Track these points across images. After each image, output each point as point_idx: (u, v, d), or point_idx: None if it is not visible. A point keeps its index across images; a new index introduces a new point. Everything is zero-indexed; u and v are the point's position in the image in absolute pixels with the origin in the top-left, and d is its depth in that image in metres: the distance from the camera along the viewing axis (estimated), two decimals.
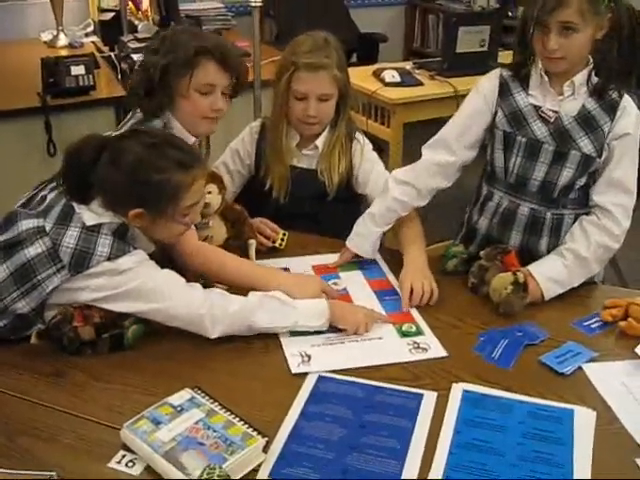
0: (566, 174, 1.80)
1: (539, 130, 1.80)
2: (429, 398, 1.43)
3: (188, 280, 1.59)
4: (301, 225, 2.08)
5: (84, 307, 1.54)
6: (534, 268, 1.77)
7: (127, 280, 1.51)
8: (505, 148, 1.86)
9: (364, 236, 1.95)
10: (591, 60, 1.78)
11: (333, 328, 1.63)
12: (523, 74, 1.84)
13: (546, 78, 1.79)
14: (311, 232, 2.09)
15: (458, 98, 3.35)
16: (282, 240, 2.01)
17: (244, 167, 2.20)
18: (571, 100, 1.78)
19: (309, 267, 1.92)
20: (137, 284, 1.52)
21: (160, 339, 1.58)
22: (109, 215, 1.53)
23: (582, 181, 1.81)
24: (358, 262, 1.95)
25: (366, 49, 5.12)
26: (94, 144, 1.52)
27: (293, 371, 1.50)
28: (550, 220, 1.85)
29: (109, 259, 1.50)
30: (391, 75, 3.50)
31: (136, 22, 4.35)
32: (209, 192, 1.84)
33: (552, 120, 1.78)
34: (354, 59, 5.05)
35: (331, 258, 1.96)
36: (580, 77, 1.77)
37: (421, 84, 3.51)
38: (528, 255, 1.85)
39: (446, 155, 1.91)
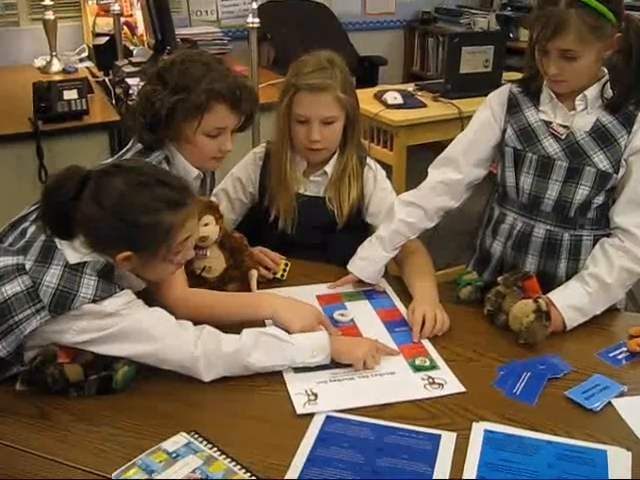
0: (581, 192, 1.70)
1: (551, 147, 1.71)
2: (448, 439, 1.31)
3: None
4: (308, 255, 1.96)
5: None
6: (554, 295, 1.66)
7: (113, 323, 1.40)
8: (516, 166, 1.77)
9: (369, 260, 1.83)
10: (605, 72, 1.69)
11: (340, 363, 1.51)
12: (533, 89, 1.76)
13: (553, 94, 1.71)
14: (318, 262, 1.97)
15: (463, 120, 3.27)
16: (284, 271, 1.89)
17: (246, 195, 2.07)
18: (584, 115, 1.69)
19: (313, 297, 1.80)
20: (124, 327, 1.41)
21: (153, 376, 1.46)
22: (94, 253, 1.42)
23: (600, 199, 1.72)
24: (365, 291, 1.84)
25: (365, 72, 5.06)
26: (76, 178, 1.40)
27: (298, 412, 1.38)
28: (568, 242, 1.75)
29: (93, 301, 1.38)
30: (393, 97, 3.41)
31: (131, 47, 4.29)
32: (206, 224, 1.73)
33: (563, 136, 1.70)
34: (355, 92, 4.98)
35: (340, 288, 1.85)
36: (593, 90, 1.68)
37: (424, 106, 3.43)
38: (546, 280, 1.74)
39: (452, 173, 1.82)
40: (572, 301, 1.65)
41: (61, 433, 1.33)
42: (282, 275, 1.88)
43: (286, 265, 1.89)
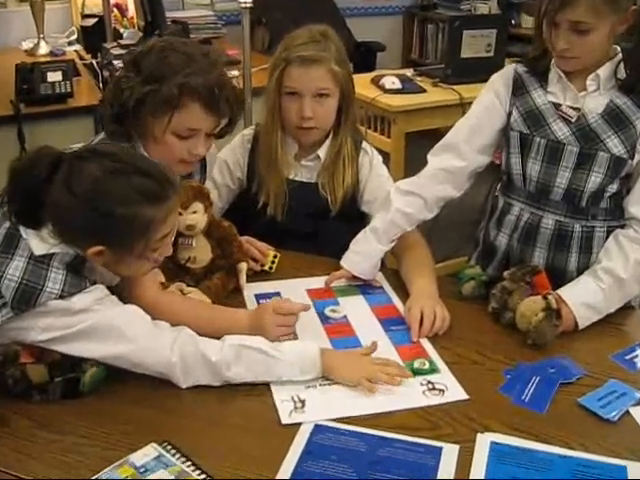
0: (594, 179, 1.57)
1: (560, 130, 1.58)
2: (450, 452, 1.18)
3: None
4: (298, 245, 1.83)
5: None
6: (565, 292, 1.53)
7: (82, 320, 1.27)
8: (522, 152, 1.64)
9: (363, 254, 1.69)
10: (619, 50, 1.56)
11: None
12: (540, 69, 1.62)
13: (562, 73, 1.58)
14: (308, 253, 1.83)
15: (464, 106, 3.12)
16: (272, 263, 1.76)
17: (234, 181, 1.92)
18: (596, 95, 1.56)
19: (303, 291, 1.67)
20: (93, 324, 1.27)
21: (125, 379, 1.32)
22: (62, 244, 1.28)
23: (614, 188, 1.59)
24: (359, 286, 1.70)
25: (363, 58, 4.90)
26: (47, 160, 1.26)
27: (284, 421, 1.24)
28: (579, 234, 1.62)
29: (61, 297, 1.25)
30: (391, 82, 3.26)
31: (122, 30, 4.15)
32: (194, 212, 1.60)
33: (574, 119, 1.56)
34: (350, 68, 4.84)
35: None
36: (606, 69, 1.54)
37: (424, 91, 3.28)
38: (555, 275, 1.61)
39: (455, 160, 1.68)
40: (585, 298, 1.52)
41: (20, 442, 1.19)
42: (270, 267, 1.75)
43: (275, 257, 1.76)
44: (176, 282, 1.55)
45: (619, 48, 1.56)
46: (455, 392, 1.33)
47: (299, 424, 1.23)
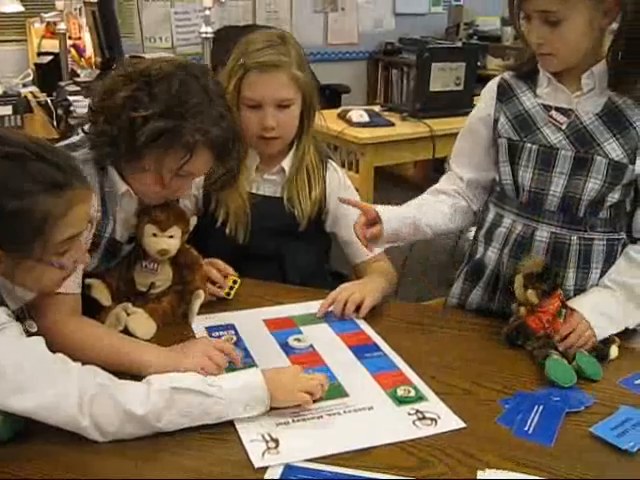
0: (592, 186, 1.42)
1: (553, 134, 1.44)
2: None
3: None
4: (260, 268, 1.65)
5: None
6: (574, 301, 1.41)
7: None
8: (512, 160, 1.50)
9: (394, 212, 1.52)
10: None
11: None
12: (527, 69, 1.50)
13: (548, 74, 1.46)
14: (272, 276, 1.66)
15: (435, 139, 3.03)
16: (231, 289, 1.57)
17: (190, 200, 1.72)
18: (592, 95, 1.42)
19: (260, 322, 1.49)
20: None
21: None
22: None
23: (615, 197, 1.44)
24: (323, 317, 1.52)
25: (327, 100, 4.81)
26: None
27: (256, 465, 1.04)
28: (576, 246, 1.46)
29: None
30: (359, 114, 3.15)
31: (79, 70, 4.02)
32: (171, 236, 1.43)
33: (564, 126, 1.43)
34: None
35: (289, 310, 1.54)
36: (601, 67, 1.40)
37: (392, 124, 3.17)
38: None
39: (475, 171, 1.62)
40: (597, 306, 1.40)
41: None
42: (228, 293, 1.56)
43: (234, 282, 1.58)
44: (123, 303, 1.37)
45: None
46: (449, 421, 1.15)
47: (266, 467, 1.04)
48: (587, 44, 1.38)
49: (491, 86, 1.56)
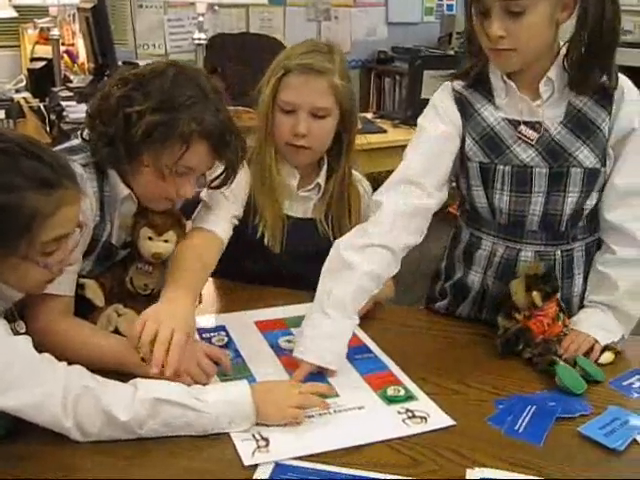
0: (571, 200, 1.38)
1: (524, 152, 1.37)
2: None
3: None
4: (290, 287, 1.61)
5: None
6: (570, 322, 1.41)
7: None
8: (485, 184, 1.41)
9: (332, 337, 1.31)
10: (561, 45, 1.36)
11: None
12: (476, 77, 1.40)
13: (511, 82, 1.37)
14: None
15: None
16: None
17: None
18: (553, 102, 1.37)
19: (251, 324, 1.48)
20: None
21: None
22: None
23: (591, 203, 1.41)
24: None
25: None
26: None
27: (246, 463, 1.05)
28: (560, 259, 1.45)
29: None
30: None
31: (72, 77, 4.03)
32: (166, 240, 1.42)
33: (534, 141, 1.36)
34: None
35: (280, 312, 1.53)
36: (556, 70, 1.35)
37: (384, 131, 3.19)
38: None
39: (419, 198, 1.40)
40: (593, 322, 1.39)
41: None
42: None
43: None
44: (114, 304, 1.37)
45: (561, 43, 1.36)
46: (439, 419, 1.16)
47: (256, 465, 1.04)
48: (546, 39, 1.31)
49: (447, 103, 1.43)
